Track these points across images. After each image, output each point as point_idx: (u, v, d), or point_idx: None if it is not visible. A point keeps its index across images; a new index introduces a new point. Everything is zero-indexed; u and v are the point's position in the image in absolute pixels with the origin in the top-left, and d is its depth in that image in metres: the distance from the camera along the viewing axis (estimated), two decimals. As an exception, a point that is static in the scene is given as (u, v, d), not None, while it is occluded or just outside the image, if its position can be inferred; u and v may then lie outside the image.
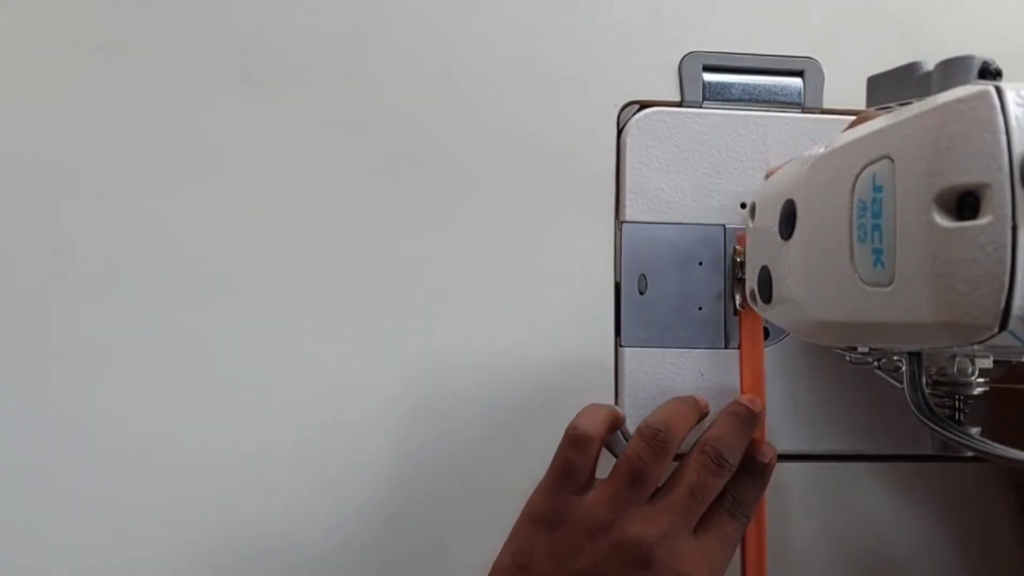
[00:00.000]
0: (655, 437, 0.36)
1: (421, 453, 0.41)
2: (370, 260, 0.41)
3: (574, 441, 0.37)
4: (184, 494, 0.40)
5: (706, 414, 0.40)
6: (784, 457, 0.42)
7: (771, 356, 0.42)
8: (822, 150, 0.29)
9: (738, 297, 0.41)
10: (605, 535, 0.35)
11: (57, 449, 0.39)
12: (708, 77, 0.44)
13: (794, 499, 0.42)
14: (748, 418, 0.39)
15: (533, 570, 0.35)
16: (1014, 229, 0.21)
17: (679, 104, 0.43)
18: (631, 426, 0.41)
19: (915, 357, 0.29)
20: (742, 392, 0.41)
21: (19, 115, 0.41)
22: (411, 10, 0.43)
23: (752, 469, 0.39)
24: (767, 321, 0.42)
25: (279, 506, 0.40)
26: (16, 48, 0.41)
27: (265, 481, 0.40)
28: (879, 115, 0.27)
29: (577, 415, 0.38)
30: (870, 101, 0.30)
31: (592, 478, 0.37)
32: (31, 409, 0.39)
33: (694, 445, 0.38)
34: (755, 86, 0.44)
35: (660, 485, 0.37)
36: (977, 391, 0.29)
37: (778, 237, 0.31)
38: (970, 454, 0.29)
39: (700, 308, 0.42)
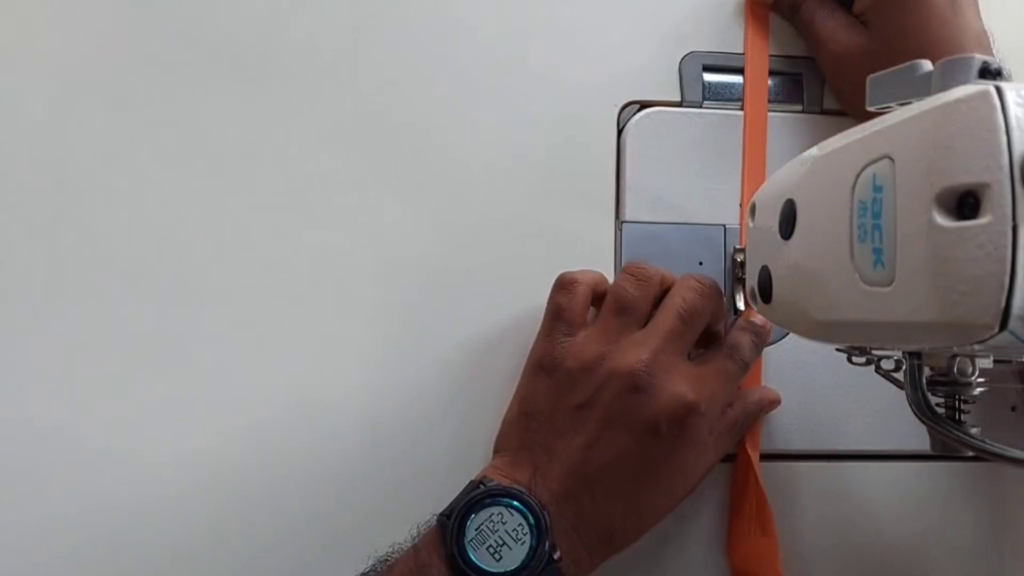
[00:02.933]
0: (638, 268, 0.38)
1: (421, 453, 0.41)
2: (369, 260, 0.41)
3: (562, 285, 0.39)
4: (183, 494, 0.40)
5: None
6: (784, 457, 0.42)
7: (771, 356, 0.42)
8: (821, 151, 0.30)
9: (738, 297, 0.41)
10: (599, 367, 0.36)
11: (56, 449, 0.39)
12: (708, 77, 0.44)
13: (794, 499, 0.42)
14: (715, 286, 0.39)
15: (536, 414, 0.37)
16: (1014, 229, 0.21)
17: (679, 104, 0.43)
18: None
19: (915, 357, 0.29)
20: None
21: (19, 115, 0.41)
22: (411, 10, 0.43)
23: (747, 327, 0.40)
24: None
25: (278, 508, 0.40)
26: (16, 48, 0.41)
27: (264, 483, 0.40)
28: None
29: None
30: (870, 101, 0.30)
31: (583, 321, 0.38)
32: (30, 409, 0.39)
33: (680, 278, 0.39)
34: (755, 86, 0.44)
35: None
36: (977, 391, 0.29)
37: (778, 237, 0.31)
38: (970, 454, 0.29)
39: (700, 308, 0.42)
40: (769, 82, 0.44)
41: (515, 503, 0.34)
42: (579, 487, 0.35)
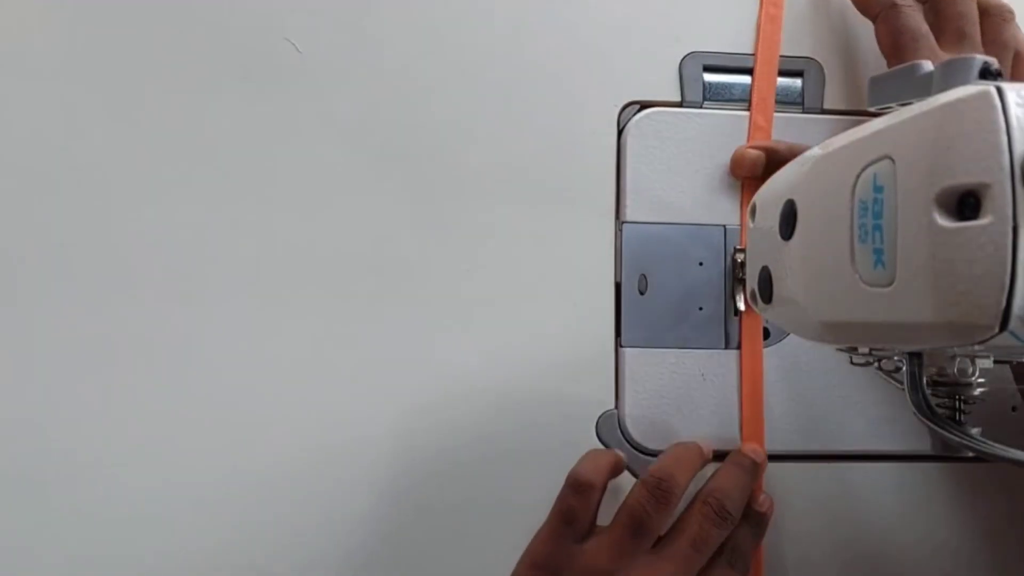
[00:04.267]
0: (658, 487, 0.36)
1: (420, 453, 0.41)
2: (369, 260, 0.41)
3: (576, 488, 0.37)
4: (183, 496, 0.40)
5: (708, 460, 0.40)
6: (784, 457, 0.42)
7: (771, 356, 0.42)
8: (822, 150, 0.29)
9: (738, 297, 0.41)
10: None
11: (56, 449, 0.39)
12: (708, 77, 0.44)
13: (794, 499, 0.42)
14: (751, 469, 0.39)
15: None
16: (1015, 229, 0.21)
17: (679, 104, 0.43)
18: (631, 426, 0.41)
19: (915, 357, 0.29)
20: (741, 397, 0.41)
21: (19, 115, 0.41)
22: (411, 11, 0.43)
23: (750, 519, 0.39)
24: (767, 321, 0.42)
25: (277, 510, 0.40)
26: (16, 48, 0.41)
27: (264, 484, 0.40)
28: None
29: (579, 461, 0.38)
30: (871, 101, 0.30)
31: (593, 525, 0.37)
32: (30, 409, 0.39)
33: (696, 495, 0.38)
34: (755, 86, 0.44)
35: (662, 534, 0.37)
36: (977, 391, 0.29)
37: (778, 237, 0.31)
38: (970, 454, 0.29)
39: (700, 308, 0.42)
40: (769, 82, 0.44)
41: None
42: None
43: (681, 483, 0.37)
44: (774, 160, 0.41)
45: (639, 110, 0.43)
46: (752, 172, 0.42)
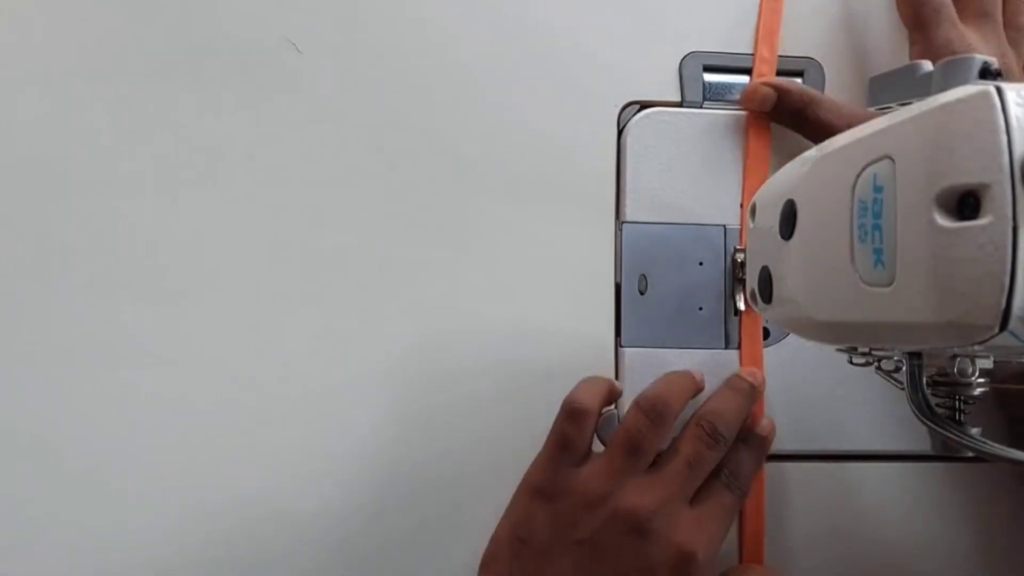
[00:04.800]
0: (652, 408, 0.37)
1: (420, 453, 0.41)
2: (368, 259, 0.41)
3: (571, 414, 0.37)
4: (181, 492, 0.40)
5: (701, 389, 0.40)
6: (784, 457, 0.42)
7: (771, 356, 0.42)
8: (822, 150, 0.29)
9: (738, 297, 0.41)
10: (602, 506, 0.35)
11: (55, 449, 0.39)
12: (708, 77, 0.44)
13: (794, 499, 0.42)
14: (747, 392, 0.39)
15: (532, 542, 0.36)
16: (1015, 229, 0.21)
17: (679, 104, 0.43)
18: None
19: (915, 357, 0.29)
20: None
21: (19, 115, 0.41)
22: (411, 10, 0.43)
23: (750, 441, 0.39)
24: (767, 321, 0.42)
25: (276, 497, 0.40)
26: (16, 48, 0.41)
27: (263, 478, 0.40)
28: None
29: (575, 387, 0.38)
30: (871, 101, 0.30)
31: (589, 450, 0.38)
32: (30, 409, 0.39)
33: (691, 418, 0.38)
34: (755, 86, 0.44)
35: (657, 457, 0.37)
36: (977, 391, 0.29)
37: (778, 237, 0.31)
38: (970, 454, 0.29)
39: (700, 308, 0.42)
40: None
41: None
42: None
43: (674, 405, 0.37)
44: (785, 100, 0.42)
45: (639, 110, 0.43)
46: (761, 107, 0.42)
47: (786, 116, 0.42)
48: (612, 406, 0.41)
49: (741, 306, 0.42)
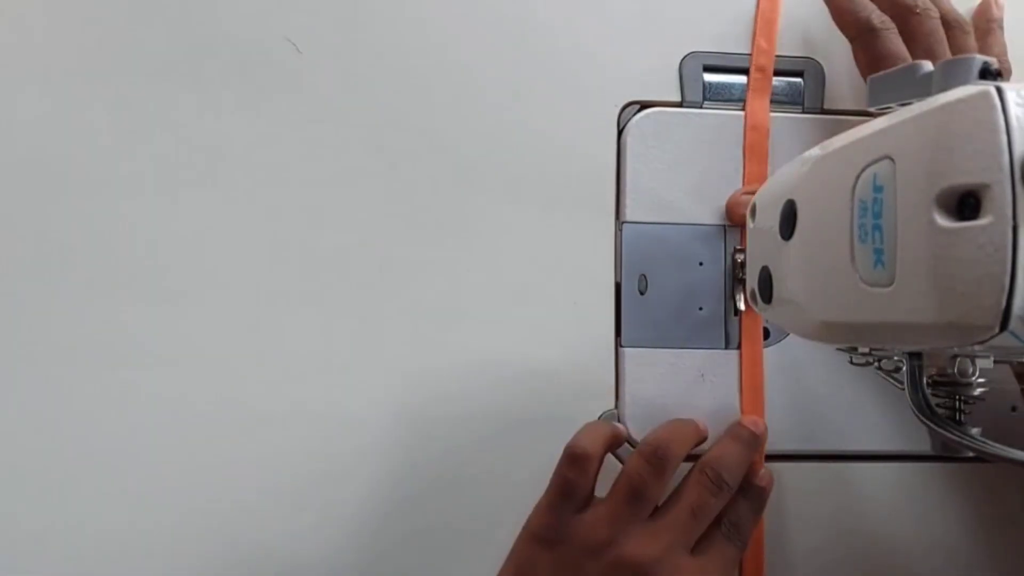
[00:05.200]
0: (654, 454, 0.37)
1: (419, 453, 0.41)
2: (369, 260, 0.41)
3: (573, 459, 0.37)
4: (181, 493, 0.40)
5: (704, 439, 0.40)
6: (784, 457, 0.42)
7: (771, 356, 0.42)
8: (822, 150, 0.30)
9: (738, 297, 0.41)
10: (604, 553, 0.35)
11: (55, 449, 0.39)
12: (708, 77, 0.44)
13: (794, 499, 0.42)
14: (750, 441, 0.39)
15: None
16: (1015, 229, 0.21)
17: (679, 104, 0.43)
18: (633, 427, 0.41)
19: (915, 357, 0.29)
20: (741, 397, 0.41)
21: (19, 115, 0.41)
22: (411, 10, 0.43)
23: (749, 493, 0.39)
24: (767, 321, 0.42)
25: (275, 507, 0.40)
26: (16, 48, 0.41)
27: (262, 482, 0.40)
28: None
29: (577, 432, 0.38)
30: (871, 101, 0.30)
31: (591, 496, 0.37)
32: (30, 409, 0.39)
33: (694, 465, 0.38)
34: (755, 86, 0.44)
35: (659, 504, 0.37)
36: (977, 391, 0.29)
37: (778, 237, 0.31)
38: (970, 454, 0.29)
39: (700, 308, 0.42)
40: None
41: None
42: None
43: (677, 452, 0.37)
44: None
45: (639, 110, 0.43)
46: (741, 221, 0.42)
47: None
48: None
49: (741, 306, 0.42)
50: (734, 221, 0.42)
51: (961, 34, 0.40)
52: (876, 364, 0.34)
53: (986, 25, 0.42)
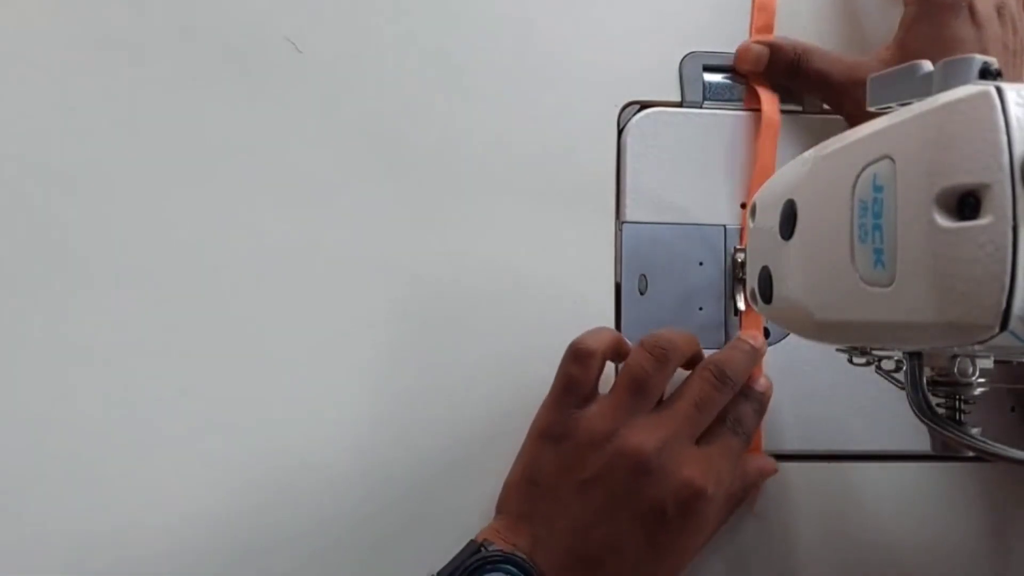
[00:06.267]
0: (657, 346, 0.37)
1: (419, 454, 0.41)
2: (368, 259, 0.41)
3: (576, 356, 0.38)
4: (181, 485, 0.40)
5: (700, 353, 0.40)
6: (784, 457, 0.42)
7: (771, 356, 0.42)
8: (822, 150, 0.30)
9: (738, 297, 0.41)
10: (607, 444, 0.36)
11: (56, 449, 0.39)
12: (708, 77, 0.44)
13: (794, 499, 0.42)
14: (750, 351, 0.39)
15: (542, 483, 0.37)
16: (1015, 229, 0.21)
17: (679, 104, 0.43)
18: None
19: (915, 357, 0.29)
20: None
21: (19, 115, 0.41)
22: (411, 10, 0.43)
23: (750, 396, 0.39)
24: (767, 321, 0.42)
25: (274, 507, 0.40)
26: (16, 48, 0.41)
27: (262, 481, 0.40)
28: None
29: (582, 333, 0.38)
30: (871, 101, 0.30)
31: (595, 392, 0.38)
32: (30, 409, 0.39)
33: (696, 367, 0.38)
34: (755, 86, 0.44)
35: (663, 399, 0.38)
36: (978, 391, 0.29)
37: (778, 237, 0.31)
38: (971, 454, 0.29)
39: (700, 308, 0.42)
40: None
41: (516, 571, 0.34)
42: (579, 565, 0.35)
43: (679, 347, 0.38)
44: (778, 56, 0.42)
45: (639, 110, 0.43)
46: (755, 67, 0.43)
47: (781, 71, 0.42)
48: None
49: (741, 306, 0.41)
50: (740, 69, 0.43)
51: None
52: (876, 364, 0.34)
53: None
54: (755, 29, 0.44)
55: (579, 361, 0.37)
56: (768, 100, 0.43)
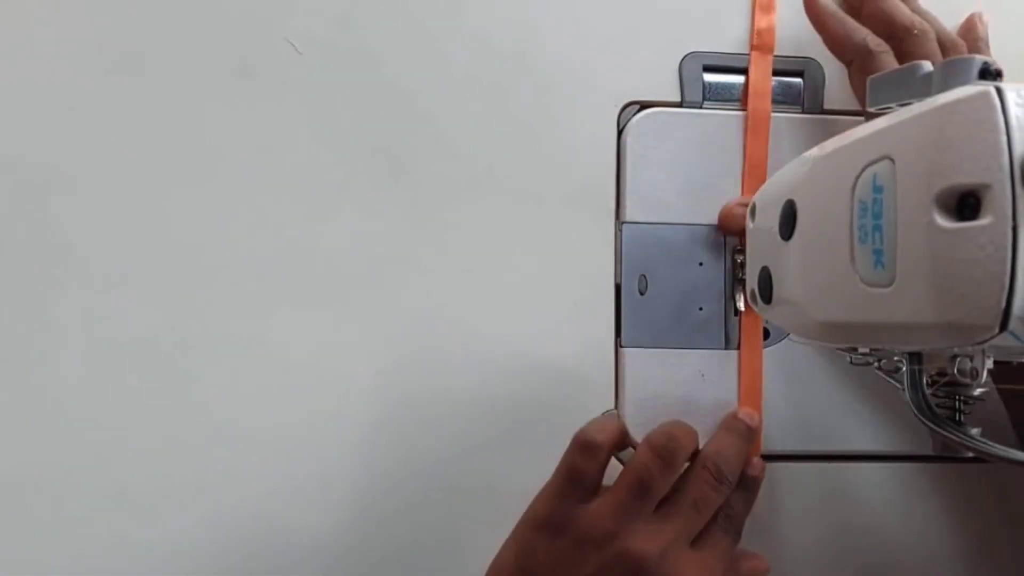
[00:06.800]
0: (664, 447, 0.36)
1: (418, 452, 0.41)
2: (367, 259, 0.41)
3: (583, 447, 0.37)
4: (181, 490, 0.40)
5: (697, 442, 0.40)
6: (784, 457, 0.42)
7: (771, 356, 0.42)
8: (822, 150, 0.30)
9: (738, 297, 0.41)
10: (608, 546, 0.35)
11: (57, 448, 0.39)
12: (708, 77, 0.44)
13: (794, 499, 0.42)
14: (746, 434, 0.39)
15: (536, 574, 0.36)
16: (1015, 229, 0.21)
17: (679, 104, 0.43)
18: (632, 427, 0.41)
19: (915, 357, 0.29)
20: (740, 397, 0.41)
21: (19, 115, 0.41)
22: (410, 11, 0.43)
23: (743, 483, 0.39)
24: (767, 322, 0.42)
25: (273, 507, 0.40)
26: (16, 48, 0.41)
27: (262, 481, 0.40)
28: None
29: (588, 422, 0.38)
30: (871, 102, 0.30)
31: (599, 486, 0.37)
32: (31, 409, 0.39)
33: (694, 461, 0.38)
34: (755, 86, 0.44)
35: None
36: (977, 391, 0.29)
37: (778, 237, 0.31)
38: (970, 454, 0.29)
39: (700, 308, 0.42)
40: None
41: None
42: None
43: (685, 448, 0.37)
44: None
45: (639, 110, 0.43)
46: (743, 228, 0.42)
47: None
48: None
49: (741, 306, 0.42)
50: (728, 232, 0.42)
51: (956, 54, 0.40)
52: (876, 364, 0.34)
53: (973, 44, 0.42)
54: (756, 29, 0.43)
55: (586, 453, 0.36)
56: (758, 95, 0.42)
